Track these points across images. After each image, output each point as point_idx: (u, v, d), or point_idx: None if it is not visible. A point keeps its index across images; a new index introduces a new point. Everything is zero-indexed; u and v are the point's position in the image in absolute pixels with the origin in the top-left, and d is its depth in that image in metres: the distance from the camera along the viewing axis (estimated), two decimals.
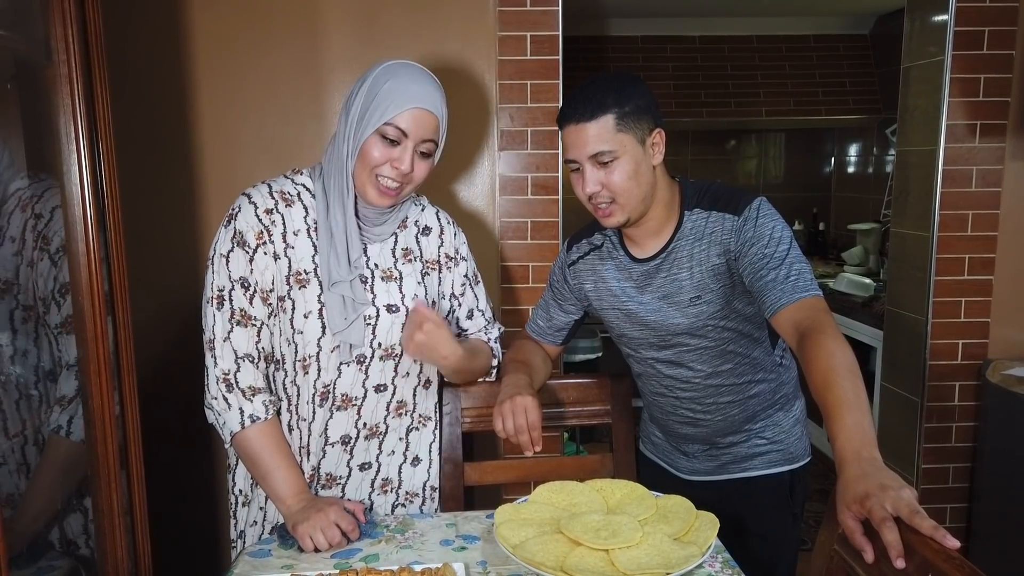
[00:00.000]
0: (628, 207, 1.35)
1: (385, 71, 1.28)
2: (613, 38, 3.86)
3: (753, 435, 1.50)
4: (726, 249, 1.35)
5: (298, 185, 1.35)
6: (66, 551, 1.36)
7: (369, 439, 1.39)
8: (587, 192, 1.35)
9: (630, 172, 1.32)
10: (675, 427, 1.54)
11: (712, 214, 1.37)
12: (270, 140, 2.01)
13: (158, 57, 1.97)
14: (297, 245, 1.31)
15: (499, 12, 2.01)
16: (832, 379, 1.13)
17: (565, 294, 1.56)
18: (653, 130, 1.34)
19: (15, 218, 1.28)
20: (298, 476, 1.32)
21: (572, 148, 1.34)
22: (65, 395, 1.29)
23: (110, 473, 1.18)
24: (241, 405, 1.30)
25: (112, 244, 1.20)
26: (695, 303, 1.38)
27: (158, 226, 2.00)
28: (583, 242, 1.54)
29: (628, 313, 1.45)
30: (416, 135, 1.27)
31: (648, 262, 1.42)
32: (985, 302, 2.32)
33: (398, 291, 1.37)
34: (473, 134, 2.08)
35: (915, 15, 2.39)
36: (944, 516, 2.42)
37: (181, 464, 2.06)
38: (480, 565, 1.20)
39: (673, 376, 1.47)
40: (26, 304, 1.30)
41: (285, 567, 1.20)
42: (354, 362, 1.33)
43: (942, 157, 2.26)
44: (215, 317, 1.30)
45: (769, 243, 1.31)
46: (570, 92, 1.37)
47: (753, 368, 1.46)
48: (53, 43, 1.07)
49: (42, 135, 1.17)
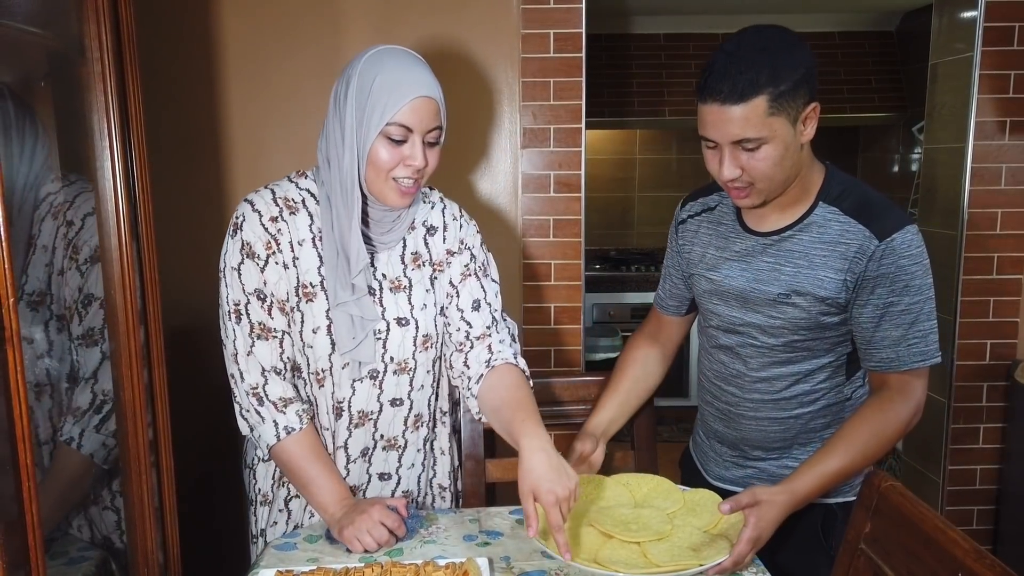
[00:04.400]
0: (767, 191, 1.21)
1: (370, 65, 1.19)
2: (636, 36, 3.85)
3: (787, 456, 1.37)
4: (850, 269, 1.20)
5: (302, 190, 1.29)
6: (95, 543, 1.38)
7: (387, 450, 1.37)
8: (725, 177, 1.20)
9: (776, 158, 1.16)
10: (709, 419, 1.46)
11: (850, 222, 1.21)
12: (293, 140, 2.03)
13: (187, 58, 1.99)
14: (303, 256, 1.26)
15: (523, 10, 2.01)
16: (853, 425, 1.23)
17: (676, 258, 1.44)
18: (808, 104, 1.16)
19: (47, 225, 1.28)
20: (339, 483, 1.30)
21: (712, 128, 1.17)
22: (79, 407, 1.29)
23: (141, 465, 1.20)
24: (275, 418, 1.27)
25: (144, 240, 1.22)
26: (782, 301, 1.25)
27: (186, 223, 2.02)
28: (698, 201, 1.41)
29: (713, 282, 1.34)
30: (421, 127, 1.19)
31: (759, 236, 1.29)
32: (1014, 302, 2.28)
33: (407, 302, 1.31)
34: (496, 132, 2.08)
35: (943, 11, 2.36)
36: (971, 518, 2.38)
37: (210, 465, 2.08)
38: (503, 560, 1.20)
39: (724, 363, 1.38)
40: (59, 314, 1.30)
41: (311, 560, 1.21)
42: (367, 377, 1.30)
43: (970, 154, 2.23)
44: (235, 331, 1.27)
45: (903, 291, 1.18)
46: (714, 57, 1.17)
47: (810, 391, 1.32)
48: (87, 41, 1.09)
49: (74, 133, 1.19)
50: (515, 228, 2.11)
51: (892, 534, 0.97)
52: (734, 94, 1.12)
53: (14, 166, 1.22)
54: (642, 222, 4.20)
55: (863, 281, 1.20)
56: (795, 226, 1.26)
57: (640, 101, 3.69)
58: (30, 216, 1.27)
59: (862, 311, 1.22)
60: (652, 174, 4.15)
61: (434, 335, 1.34)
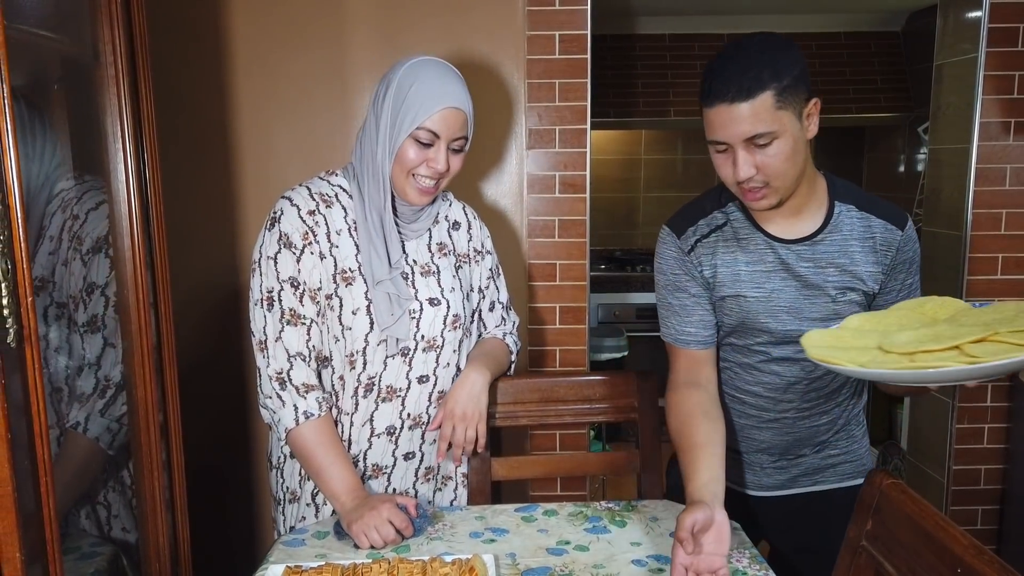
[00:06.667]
0: (783, 189, 1.22)
1: (409, 72, 1.31)
2: (640, 36, 3.85)
3: (827, 446, 1.43)
4: (880, 260, 1.28)
5: (335, 187, 1.38)
6: (106, 537, 1.40)
7: (413, 429, 1.43)
8: (741, 176, 1.19)
9: (788, 153, 1.18)
10: (754, 433, 1.43)
11: (868, 217, 1.28)
12: (301, 140, 2.05)
13: (197, 61, 2.02)
14: (341, 244, 1.35)
15: (528, 11, 2.02)
16: None
17: (695, 287, 1.35)
18: (809, 100, 1.20)
19: (56, 218, 1.32)
20: (352, 473, 1.34)
21: (721, 129, 1.18)
22: (84, 392, 1.32)
23: (152, 460, 1.22)
24: (295, 402, 1.32)
25: (155, 238, 1.24)
26: (838, 300, 1.28)
27: (197, 222, 2.05)
28: (699, 224, 1.35)
29: (759, 299, 1.30)
30: (448, 134, 1.31)
31: (792, 244, 1.29)
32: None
33: (437, 284, 1.41)
34: (501, 133, 2.10)
35: (948, 12, 2.36)
36: (975, 518, 2.39)
37: (221, 461, 2.10)
38: (509, 557, 1.22)
39: (778, 373, 1.35)
40: (60, 302, 1.33)
41: (319, 555, 1.23)
42: (399, 354, 1.37)
43: (975, 155, 2.23)
44: (265, 318, 1.33)
45: (913, 271, 1.30)
46: (709, 65, 1.20)
47: (854, 379, 1.37)
48: (100, 45, 1.11)
49: (87, 136, 1.21)
50: (520, 228, 2.12)
51: (893, 531, 0.98)
52: (741, 92, 1.14)
53: (23, 168, 1.24)
54: (647, 222, 4.20)
55: (891, 270, 1.29)
56: (825, 228, 1.28)
57: (645, 102, 3.70)
58: (40, 215, 1.30)
59: (886, 297, 1.30)
60: (657, 174, 4.16)
61: (463, 316, 1.43)
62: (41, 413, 0.81)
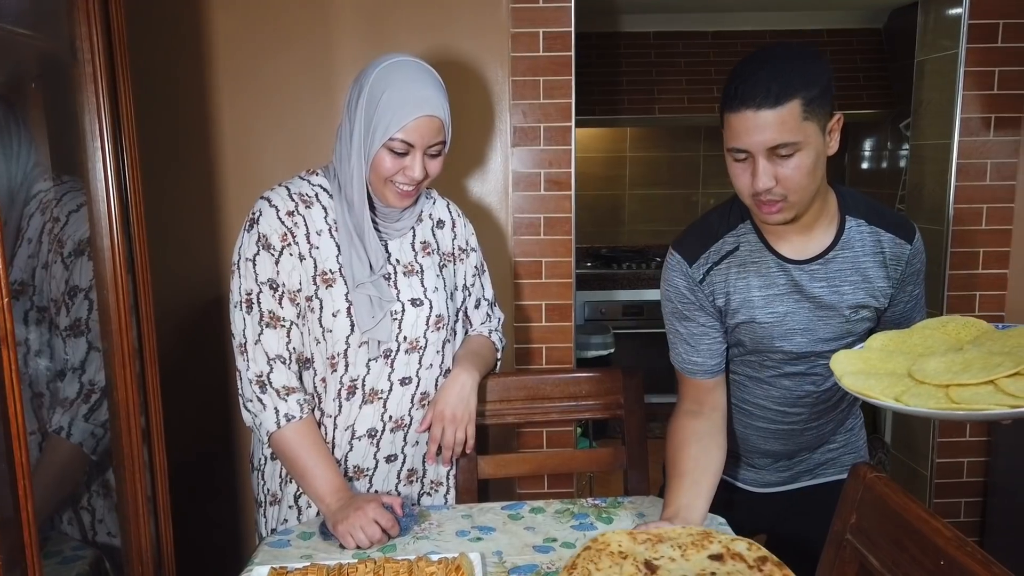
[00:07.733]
0: (799, 204, 1.18)
1: (381, 77, 1.26)
2: (625, 34, 3.86)
3: (827, 442, 1.46)
4: (889, 275, 1.28)
5: (315, 187, 1.36)
6: (90, 541, 1.39)
7: (395, 431, 1.41)
8: (759, 187, 1.15)
9: (809, 166, 1.14)
10: (759, 443, 1.44)
11: (878, 231, 1.27)
12: (284, 137, 2.04)
13: (177, 58, 2.00)
14: (321, 245, 1.33)
15: (512, 9, 2.02)
16: None
17: (706, 317, 1.32)
18: (832, 115, 1.17)
19: (35, 220, 1.30)
20: (336, 474, 1.32)
21: (744, 136, 1.13)
22: (67, 397, 1.30)
23: (134, 463, 1.21)
24: (276, 405, 1.31)
25: (135, 239, 1.22)
26: (851, 319, 1.28)
27: (178, 223, 2.03)
28: (709, 250, 1.30)
29: (772, 324, 1.28)
30: (423, 143, 1.28)
31: (803, 264, 1.26)
32: (1000, 296, 2.31)
33: (420, 284, 1.39)
34: (486, 130, 2.09)
35: (929, 8, 2.38)
36: (959, 511, 2.41)
37: (204, 463, 2.09)
38: (496, 555, 1.22)
39: (788, 387, 1.36)
40: (40, 305, 1.31)
41: (304, 556, 1.22)
42: (381, 356, 1.35)
43: (956, 151, 2.25)
44: (245, 321, 1.31)
45: (919, 281, 1.30)
46: (737, 69, 1.15)
47: None
48: (78, 43, 1.10)
49: (65, 135, 1.20)
50: (506, 226, 2.12)
51: (877, 525, 0.99)
52: (769, 98, 1.10)
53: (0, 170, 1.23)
54: (633, 220, 4.21)
55: (899, 283, 1.29)
56: (836, 245, 1.26)
57: (630, 99, 3.71)
58: (18, 216, 1.28)
59: (894, 309, 1.31)
60: (643, 172, 4.17)
61: (446, 316, 1.41)
62: (19, 416, 0.80)
